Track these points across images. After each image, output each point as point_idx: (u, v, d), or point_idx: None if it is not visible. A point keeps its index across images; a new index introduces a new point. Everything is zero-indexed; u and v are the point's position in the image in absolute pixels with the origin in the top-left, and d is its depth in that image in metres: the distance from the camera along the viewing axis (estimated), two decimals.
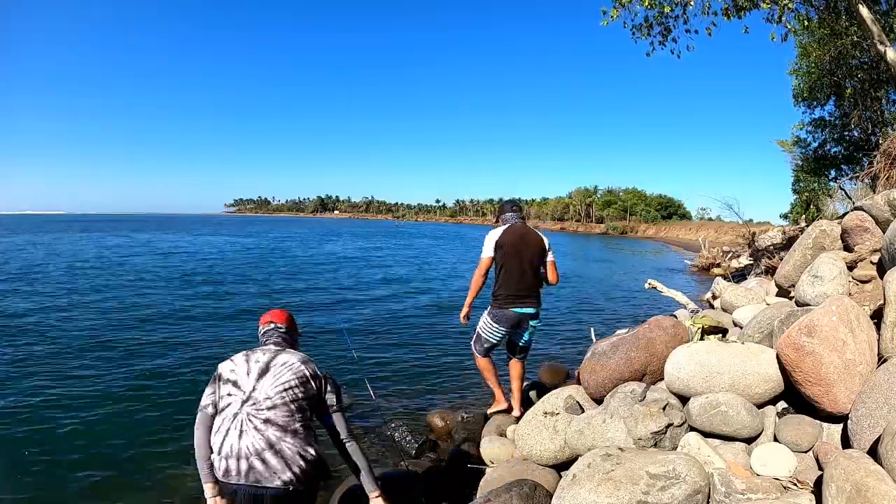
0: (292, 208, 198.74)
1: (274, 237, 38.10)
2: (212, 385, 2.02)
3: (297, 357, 2.04)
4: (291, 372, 1.97)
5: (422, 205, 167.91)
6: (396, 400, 5.10)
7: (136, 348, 6.70)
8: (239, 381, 1.95)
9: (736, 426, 2.56)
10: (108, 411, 4.66)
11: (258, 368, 1.97)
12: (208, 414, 1.98)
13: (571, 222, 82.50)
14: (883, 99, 10.15)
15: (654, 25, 7.15)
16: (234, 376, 1.97)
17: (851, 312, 2.56)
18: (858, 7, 6.41)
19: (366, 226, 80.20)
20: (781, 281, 4.34)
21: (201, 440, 1.95)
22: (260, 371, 1.97)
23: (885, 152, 6.24)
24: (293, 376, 1.96)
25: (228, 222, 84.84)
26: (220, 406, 1.96)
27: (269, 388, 1.92)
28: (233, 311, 9.43)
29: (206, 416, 1.98)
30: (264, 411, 1.88)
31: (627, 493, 2.06)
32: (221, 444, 1.88)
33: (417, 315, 9.64)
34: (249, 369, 1.98)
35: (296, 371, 1.97)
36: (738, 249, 18.79)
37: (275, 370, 1.97)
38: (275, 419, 1.87)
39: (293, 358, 2.03)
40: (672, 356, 3.04)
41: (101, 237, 33.00)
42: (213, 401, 1.99)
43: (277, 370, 1.97)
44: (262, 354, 2.03)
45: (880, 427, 2.07)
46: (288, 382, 1.94)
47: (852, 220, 4.01)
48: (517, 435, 3.32)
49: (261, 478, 1.81)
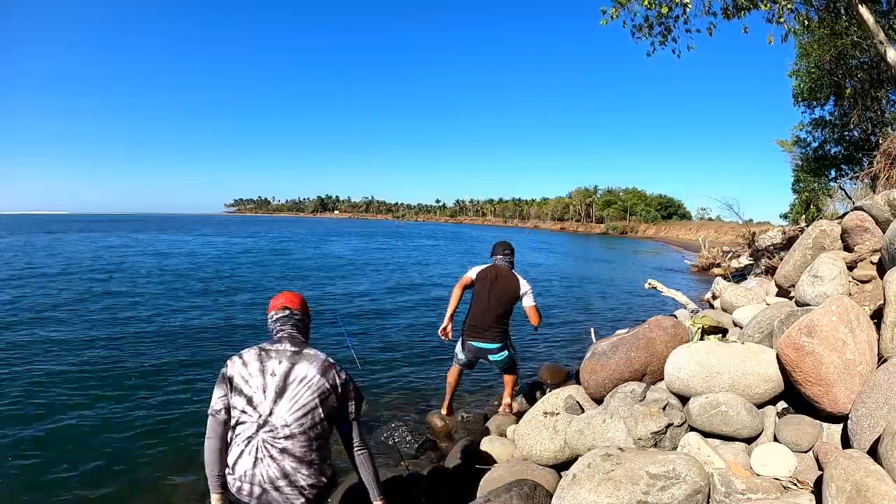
0: (292, 208, 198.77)
1: (273, 237, 38.09)
2: (221, 386, 1.86)
3: (317, 365, 1.86)
4: (311, 391, 1.82)
5: (422, 205, 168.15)
6: (396, 400, 5.11)
7: (135, 347, 6.70)
8: (254, 400, 1.81)
9: (736, 426, 2.56)
10: (107, 411, 4.66)
11: (275, 386, 1.82)
12: (220, 420, 1.84)
13: (571, 222, 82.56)
14: (883, 99, 10.14)
15: (655, 25, 7.16)
16: (248, 390, 1.82)
17: (851, 312, 2.56)
18: (858, 7, 6.41)
19: (366, 226, 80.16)
20: (781, 281, 4.34)
21: (213, 451, 1.82)
22: (277, 390, 1.81)
23: (885, 152, 6.24)
24: (313, 396, 1.82)
25: (228, 222, 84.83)
26: (232, 418, 1.84)
27: (287, 413, 1.80)
28: (232, 312, 9.44)
29: (218, 422, 1.84)
30: (281, 440, 1.79)
31: (627, 493, 2.06)
32: (234, 465, 1.81)
33: (417, 315, 9.64)
34: (265, 385, 1.82)
35: (316, 388, 1.83)
36: (738, 249, 18.79)
37: (292, 389, 1.82)
38: (292, 450, 1.79)
39: (312, 369, 1.85)
40: (672, 356, 3.04)
41: (102, 237, 32.99)
42: (225, 404, 1.84)
43: (295, 389, 1.82)
44: (278, 363, 1.85)
45: (880, 427, 2.07)
46: (307, 406, 1.81)
47: (852, 220, 4.01)
48: (517, 435, 3.32)
49: (273, 501, 1.80)
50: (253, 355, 1.89)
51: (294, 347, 1.91)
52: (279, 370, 1.85)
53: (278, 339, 1.95)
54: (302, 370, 1.85)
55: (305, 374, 1.84)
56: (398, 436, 4.01)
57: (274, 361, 1.86)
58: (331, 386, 1.86)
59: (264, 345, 1.93)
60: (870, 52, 8.68)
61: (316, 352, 1.93)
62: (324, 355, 1.93)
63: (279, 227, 64.14)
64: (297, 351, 1.90)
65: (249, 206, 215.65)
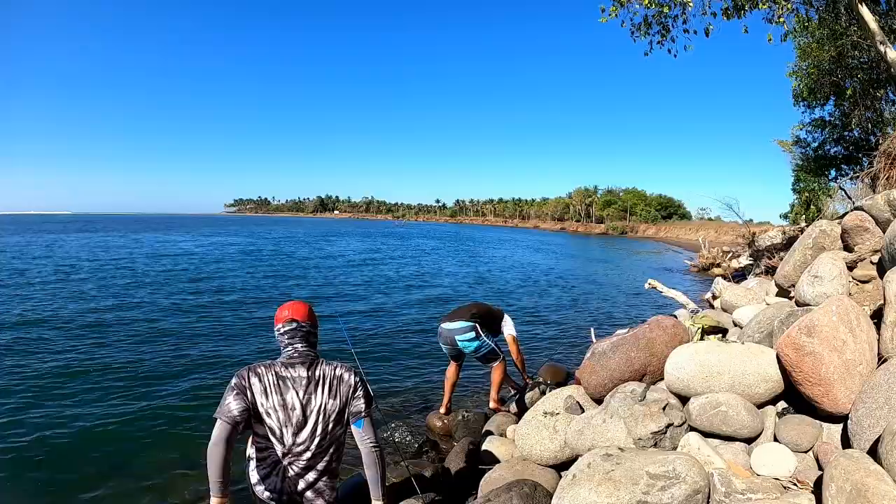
0: (292, 208, 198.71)
1: (274, 238, 38.08)
2: (239, 400, 1.85)
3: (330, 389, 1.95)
4: (328, 417, 1.95)
5: (422, 205, 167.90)
6: (396, 400, 5.11)
7: (135, 347, 6.70)
8: (277, 433, 1.91)
9: (736, 426, 2.56)
10: (107, 411, 4.66)
11: (296, 421, 1.91)
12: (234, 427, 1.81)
13: (571, 222, 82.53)
14: (883, 99, 10.13)
15: (653, 25, 7.15)
16: (271, 423, 1.90)
17: (851, 312, 2.56)
18: (858, 7, 6.40)
19: (366, 226, 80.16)
20: (781, 281, 4.34)
21: (220, 457, 1.75)
22: (298, 424, 1.92)
23: (885, 152, 6.23)
24: (331, 420, 1.96)
25: (229, 222, 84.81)
26: (256, 444, 1.95)
27: (309, 440, 1.93)
28: (233, 313, 9.43)
29: (228, 428, 1.79)
30: (304, 461, 1.94)
31: (627, 493, 2.06)
32: (264, 481, 1.96)
33: (417, 316, 9.63)
34: (289, 419, 1.91)
35: (331, 412, 1.95)
36: (738, 249, 18.75)
37: (312, 420, 1.93)
38: (315, 464, 1.96)
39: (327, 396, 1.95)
40: (672, 356, 3.04)
41: (104, 237, 32.98)
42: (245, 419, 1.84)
43: (314, 419, 1.93)
44: (296, 394, 1.92)
45: (880, 427, 2.07)
46: (326, 431, 1.95)
47: (852, 220, 4.01)
48: (517, 435, 3.31)
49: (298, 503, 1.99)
50: (270, 383, 1.93)
51: (308, 373, 1.96)
52: (298, 404, 1.93)
53: (290, 362, 1.97)
54: (318, 400, 1.95)
55: (321, 403, 1.95)
56: (398, 436, 4.01)
57: (292, 393, 1.93)
58: (344, 402, 1.98)
59: (279, 368, 1.96)
60: (870, 52, 8.66)
61: (324, 368, 1.99)
62: (329, 371, 1.99)
63: (279, 227, 64.12)
64: (310, 377, 1.96)
65: (249, 206, 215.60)
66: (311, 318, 2.07)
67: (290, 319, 2.01)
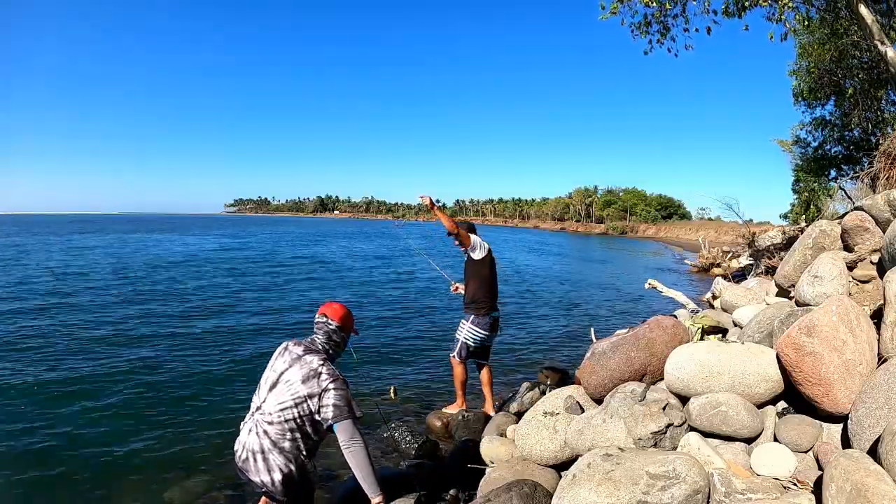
0: (292, 208, 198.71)
1: (275, 238, 38.06)
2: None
3: (303, 374, 2.18)
4: (290, 394, 2.17)
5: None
6: (396, 400, 5.10)
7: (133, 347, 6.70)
8: (260, 388, 2.26)
9: (736, 426, 2.56)
10: (106, 411, 4.66)
11: (271, 381, 2.22)
12: None
13: (571, 222, 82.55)
14: (883, 99, 10.12)
15: (653, 23, 7.14)
16: (263, 377, 2.28)
17: (851, 312, 2.56)
18: (858, 7, 6.39)
19: (366, 226, 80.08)
20: (781, 281, 4.34)
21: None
22: (271, 384, 2.22)
23: (885, 152, 6.23)
24: (290, 398, 2.17)
25: (228, 222, 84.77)
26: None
27: (272, 405, 2.18)
28: (241, 313, 9.43)
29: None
30: (265, 424, 2.17)
31: (627, 493, 2.06)
32: (240, 430, 2.25)
33: (417, 316, 9.64)
34: (268, 378, 2.25)
35: (293, 393, 2.17)
36: (738, 249, 18.75)
37: (280, 388, 2.20)
38: (270, 433, 2.16)
39: (297, 376, 2.18)
40: (672, 356, 3.04)
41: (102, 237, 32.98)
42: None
43: (281, 389, 2.19)
44: (283, 362, 2.24)
45: (880, 427, 2.07)
46: (284, 404, 2.17)
47: (852, 220, 4.00)
48: (517, 435, 3.31)
49: (249, 469, 2.15)
50: (282, 348, 2.31)
51: (301, 352, 2.25)
52: (279, 368, 2.24)
53: (301, 343, 2.32)
54: (292, 374, 2.20)
55: (290, 379, 2.19)
56: (398, 436, 4.01)
57: (282, 359, 2.26)
58: (307, 395, 2.17)
59: (293, 345, 2.32)
60: (870, 52, 8.66)
61: (312, 359, 2.22)
62: (316, 364, 2.20)
63: (280, 227, 64.08)
64: (299, 356, 2.23)
65: (249, 206, 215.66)
66: (342, 320, 2.39)
67: (322, 314, 2.39)
